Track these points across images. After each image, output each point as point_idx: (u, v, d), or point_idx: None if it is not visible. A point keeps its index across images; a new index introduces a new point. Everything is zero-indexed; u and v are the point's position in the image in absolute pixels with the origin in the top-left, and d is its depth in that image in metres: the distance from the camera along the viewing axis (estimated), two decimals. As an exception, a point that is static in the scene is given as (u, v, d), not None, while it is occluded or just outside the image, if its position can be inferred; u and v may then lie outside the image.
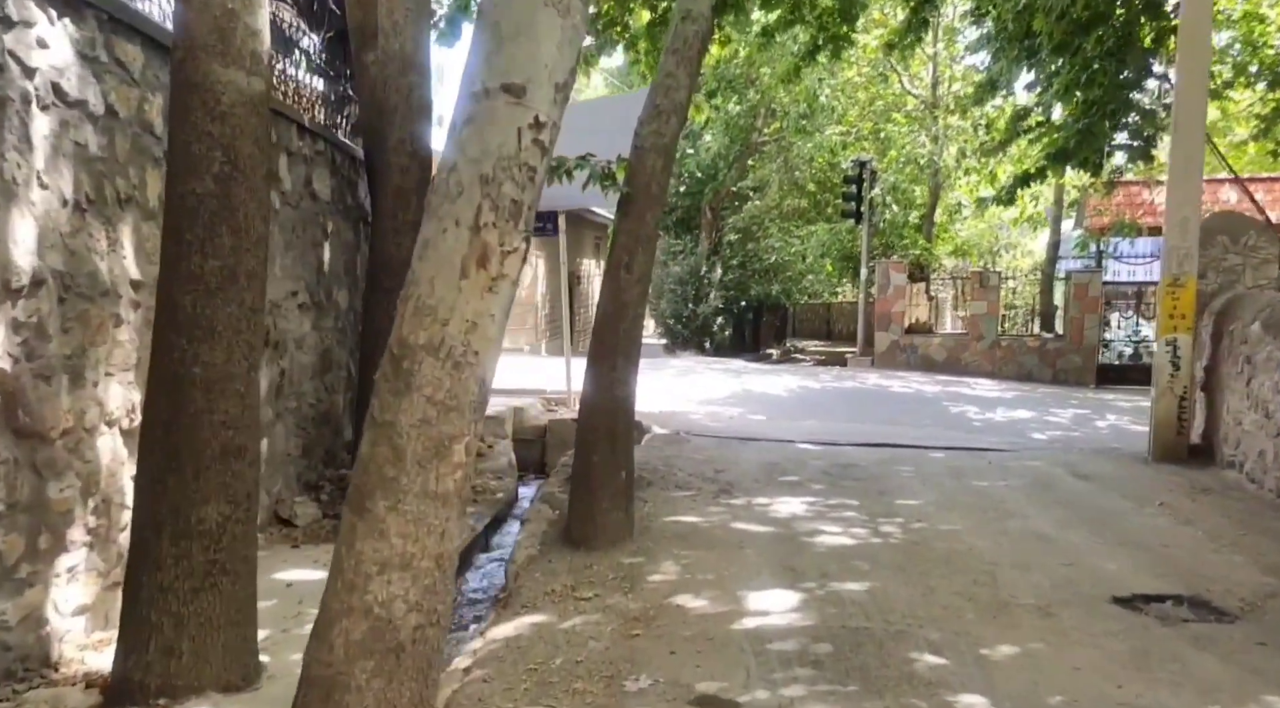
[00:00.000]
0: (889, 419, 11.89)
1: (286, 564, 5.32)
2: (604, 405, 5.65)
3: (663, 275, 23.72)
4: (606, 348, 5.64)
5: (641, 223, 5.59)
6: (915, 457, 8.56)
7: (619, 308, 5.61)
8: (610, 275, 5.67)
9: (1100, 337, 17.70)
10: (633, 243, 5.59)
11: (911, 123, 19.65)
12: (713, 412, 11.99)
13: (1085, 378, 17.56)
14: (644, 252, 5.62)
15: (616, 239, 5.63)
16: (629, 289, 5.59)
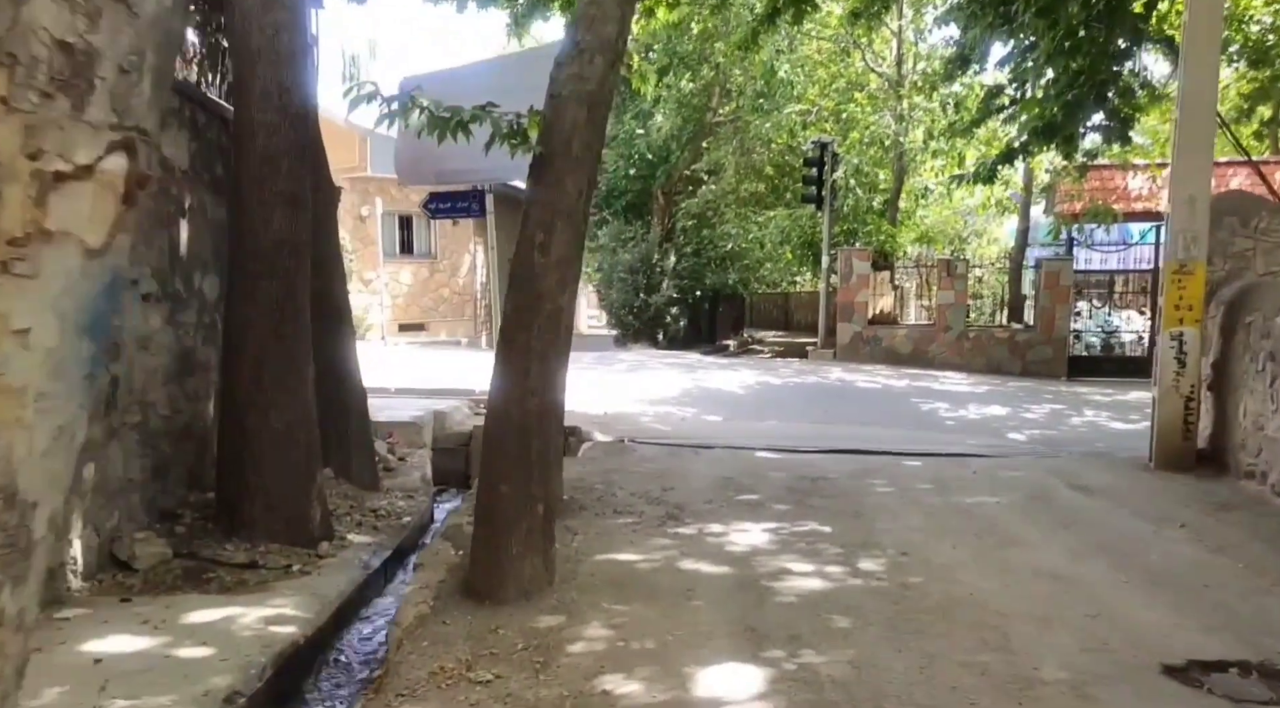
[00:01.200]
0: (856, 419, 10.89)
1: (106, 627, 4.11)
2: (515, 422, 4.50)
3: (612, 264, 22.56)
4: (517, 350, 4.49)
5: (560, 191, 4.43)
6: (890, 466, 7.53)
7: (532, 299, 4.46)
8: (520, 259, 4.51)
9: (1071, 327, 16.90)
10: (548, 217, 4.43)
11: (874, 103, 18.66)
12: (663, 412, 10.89)
13: (1056, 370, 16.78)
14: (565, 228, 4.46)
15: (528, 213, 4.48)
16: (545, 275, 4.44)
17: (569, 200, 4.44)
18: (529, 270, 4.45)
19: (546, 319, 4.46)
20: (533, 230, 4.44)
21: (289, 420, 5.50)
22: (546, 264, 4.43)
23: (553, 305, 4.48)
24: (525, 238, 4.45)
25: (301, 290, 5.62)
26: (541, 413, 4.55)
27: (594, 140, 4.65)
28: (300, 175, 5.59)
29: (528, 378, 4.46)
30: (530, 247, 4.43)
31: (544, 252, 4.42)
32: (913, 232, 20.19)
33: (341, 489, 6.69)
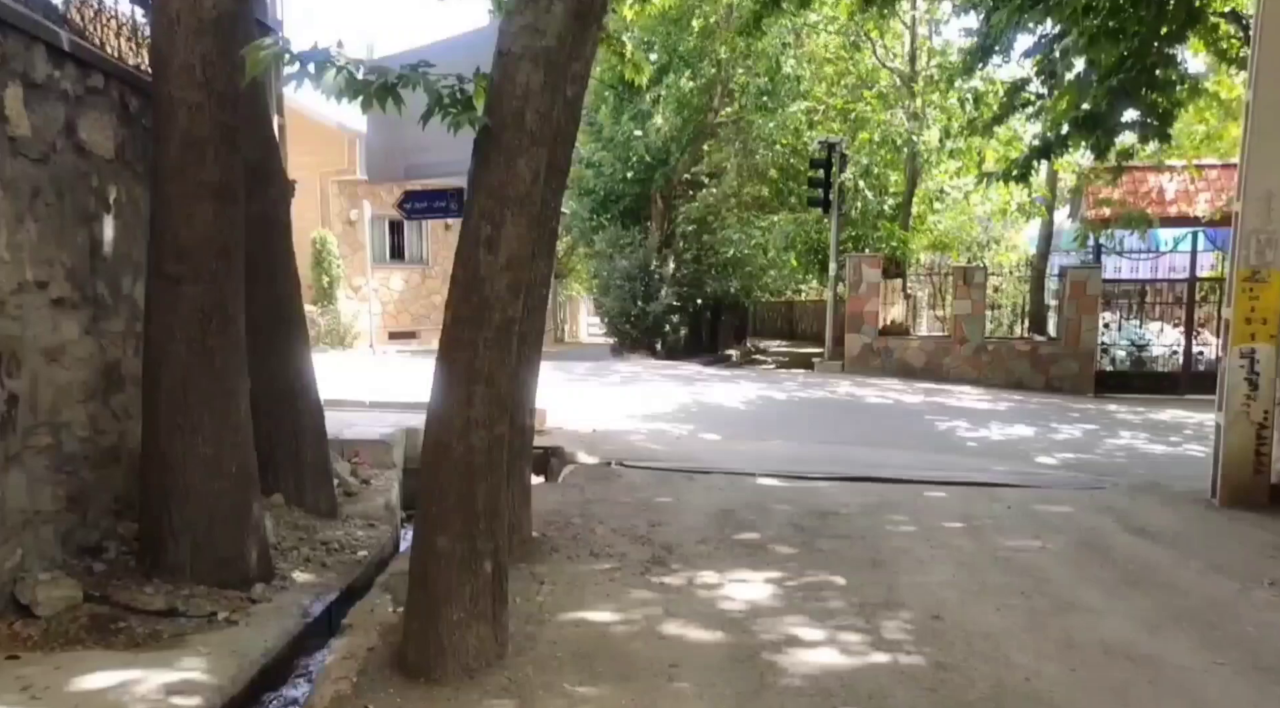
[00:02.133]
0: (867, 439, 9.92)
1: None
2: (456, 461, 3.55)
3: (609, 270, 21.60)
4: (457, 372, 3.54)
5: (510, 173, 3.48)
6: (910, 497, 6.56)
7: (476, 308, 3.50)
8: (462, 259, 3.56)
9: (1098, 340, 15.90)
10: (496, 207, 3.48)
11: (884, 101, 17.72)
12: (657, 430, 9.93)
13: (1082, 386, 15.77)
14: (517, 220, 3.51)
15: (471, 201, 3.53)
16: (493, 279, 3.49)
17: (521, 185, 3.49)
18: (473, 273, 3.50)
19: (495, 333, 3.51)
20: (476, 223, 3.49)
21: (218, 446, 4.63)
22: (494, 265, 3.48)
23: (502, 316, 3.53)
24: (468, 232, 3.51)
25: (233, 296, 4.71)
26: (491, 449, 3.60)
27: (555, 111, 3.71)
28: (231, 164, 4.68)
29: (471, 406, 3.51)
30: (474, 243, 3.48)
31: (490, 249, 3.47)
32: (925, 238, 19.21)
33: (293, 518, 5.79)
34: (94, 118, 4.91)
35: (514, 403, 4.47)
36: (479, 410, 3.51)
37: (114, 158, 5.11)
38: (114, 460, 5.09)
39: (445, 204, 9.05)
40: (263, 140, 5.89)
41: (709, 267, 22.06)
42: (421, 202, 9.11)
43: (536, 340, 4.79)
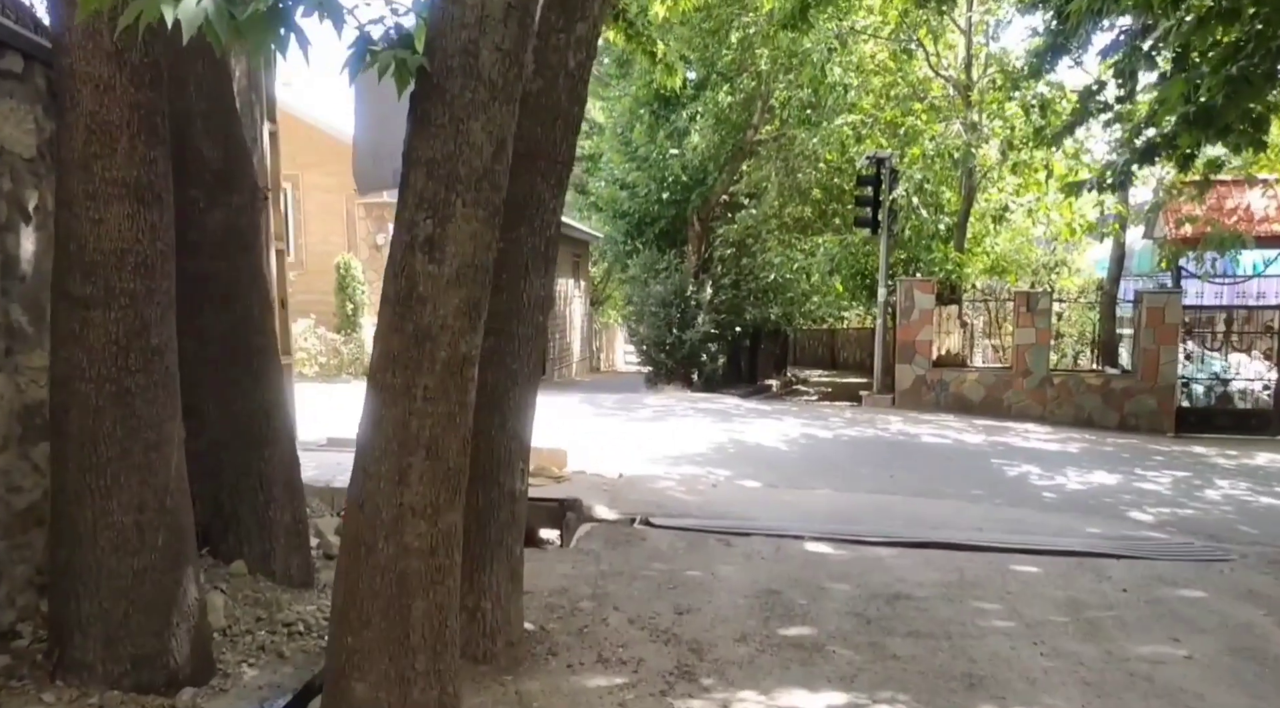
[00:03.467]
0: (928, 488, 8.71)
1: None
2: (385, 565, 2.45)
3: (643, 297, 20.52)
4: (384, 435, 2.46)
5: (461, 142, 2.40)
6: (995, 573, 5.35)
7: (411, 341, 2.42)
8: (393, 269, 2.47)
9: (1178, 373, 14.51)
10: (439, 191, 2.40)
11: (936, 114, 16.50)
12: (690, 475, 8.79)
13: (1161, 424, 14.37)
14: (470, 212, 2.42)
15: (406, 185, 2.44)
16: (436, 298, 2.41)
17: (476, 159, 2.41)
18: (407, 290, 2.41)
19: (441, 378, 2.42)
20: (412, 216, 2.41)
21: (139, 512, 3.59)
22: (436, 278, 2.39)
23: (452, 353, 2.44)
24: (401, 230, 2.43)
25: (158, 322, 3.65)
26: (436, 549, 2.50)
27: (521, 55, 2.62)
28: (153, 158, 3.65)
29: (404, 486, 2.42)
30: (408, 246, 2.40)
31: (432, 254, 2.39)
32: (981, 261, 17.90)
33: (255, 591, 4.73)
34: (9, 108, 3.96)
35: (497, 462, 3.41)
36: (416, 493, 2.42)
37: (35, 157, 4.15)
38: (36, 523, 4.10)
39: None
40: (227, 137, 4.87)
41: (748, 292, 20.91)
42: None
43: (530, 381, 3.70)
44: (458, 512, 2.54)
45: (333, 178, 18.57)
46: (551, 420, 12.43)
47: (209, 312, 4.48)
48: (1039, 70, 11.98)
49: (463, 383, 2.42)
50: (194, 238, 4.41)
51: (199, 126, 4.58)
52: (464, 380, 2.42)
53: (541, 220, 3.62)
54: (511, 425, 3.52)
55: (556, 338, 27.60)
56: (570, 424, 12.13)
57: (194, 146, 4.54)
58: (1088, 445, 12.42)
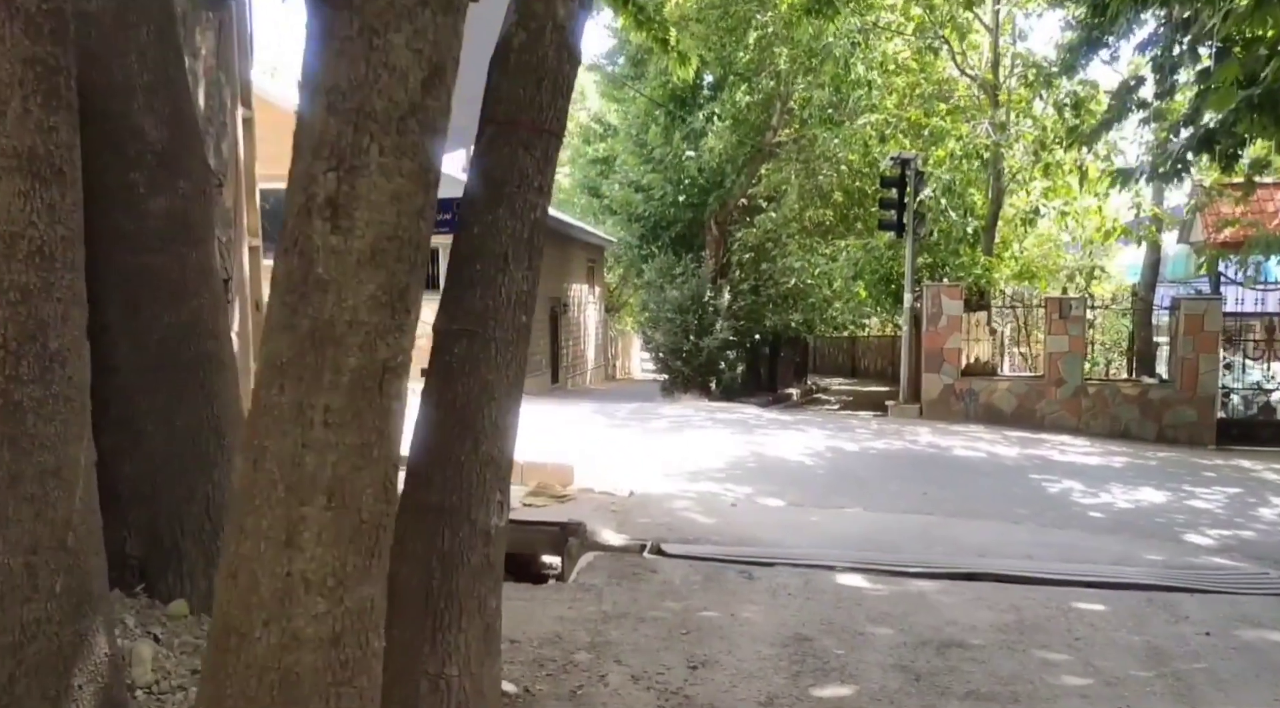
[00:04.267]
0: (966, 506, 8.04)
1: None
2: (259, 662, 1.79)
3: (659, 302, 19.88)
4: (266, 477, 1.79)
5: (377, 63, 1.75)
6: (1057, 612, 4.67)
7: (306, 343, 1.76)
8: (287, 244, 1.81)
9: (1219, 384, 13.76)
10: (347, 134, 1.75)
11: (960, 115, 15.80)
12: (707, 493, 8.14)
13: (1201, 436, 13.65)
14: (391, 168, 1.77)
15: (299, 127, 1.80)
16: (342, 281, 1.76)
17: (398, 89, 1.76)
18: (301, 269, 1.77)
19: (350, 394, 1.77)
20: (308, 168, 1.78)
21: (32, 552, 2.92)
22: (343, 252, 1.75)
23: (365, 360, 1.79)
24: (295, 187, 1.79)
25: (60, 323, 3.00)
26: (342, 639, 1.84)
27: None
28: (53, 125, 3.03)
29: (292, 548, 1.78)
30: (304, 210, 1.77)
31: (336, 220, 1.75)
32: (1009, 265, 17.16)
33: (199, 636, 4.03)
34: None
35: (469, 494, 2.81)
36: (311, 557, 1.77)
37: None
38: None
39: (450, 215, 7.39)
40: (174, 115, 4.25)
41: (768, 298, 20.23)
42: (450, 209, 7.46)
43: (511, 394, 3.06)
44: (376, 583, 1.90)
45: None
46: (560, 432, 11.85)
47: (148, 312, 3.87)
48: (1073, 66, 11.33)
49: (382, 404, 1.78)
50: (130, 227, 3.82)
51: (140, 101, 3.97)
52: (384, 399, 1.79)
53: (524, 201, 3.00)
54: (487, 449, 2.89)
55: (570, 345, 27.01)
56: (580, 435, 11.51)
57: (134, 124, 3.93)
58: (1129, 459, 11.71)
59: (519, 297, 2.98)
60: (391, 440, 1.87)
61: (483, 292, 2.97)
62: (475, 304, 2.96)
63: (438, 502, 2.83)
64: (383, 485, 1.85)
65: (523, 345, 3.04)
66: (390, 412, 1.83)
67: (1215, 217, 14.00)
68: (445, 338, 3.03)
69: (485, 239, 2.99)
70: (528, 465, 8.08)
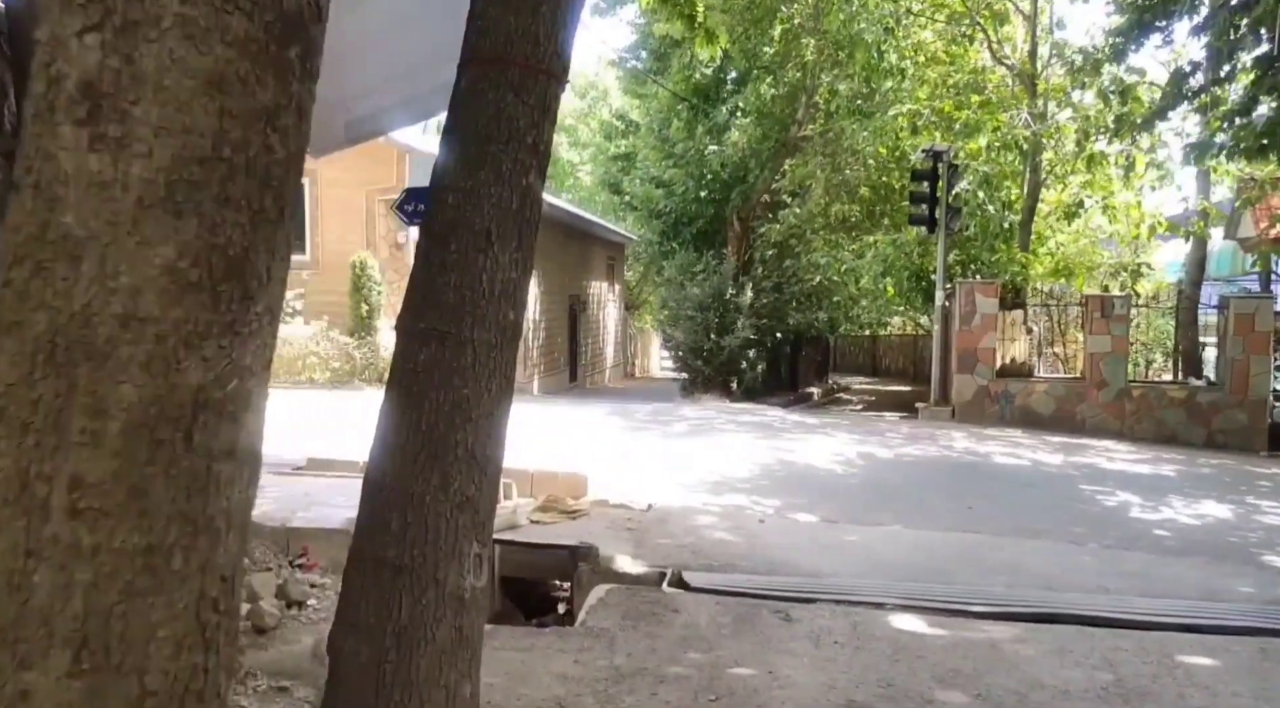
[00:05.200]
0: (1018, 524, 7.30)
1: None
2: None
3: (679, 300, 19.17)
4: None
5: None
6: (1159, 666, 3.94)
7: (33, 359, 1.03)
8: (21, 173, 1.07)
9: (1271, 386, 12.94)
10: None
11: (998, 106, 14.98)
12: (732, 507, 7.44)
13: (1252, 442, 12.87)
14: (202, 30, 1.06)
15: None
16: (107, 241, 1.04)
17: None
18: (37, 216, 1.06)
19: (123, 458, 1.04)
20: (52, 27, 1.05)
21: None
22: (110, 184, 1.04)
23: (157, 389, 1.07)
24: (39, 72, 1.07)
25: None
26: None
27: None
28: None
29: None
30: (46, 107, 1.05)
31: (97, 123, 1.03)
32: (1044, 262, 16.34)
33: None
34: None
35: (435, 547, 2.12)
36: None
37: None
38: None
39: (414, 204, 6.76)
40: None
41: (791, 296, 19.48)
42: (422, 201, 6.80)
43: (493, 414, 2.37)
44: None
45: (352, 172, 17.46)
46: (575, 434, 11.18)
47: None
48: (1123, 51, 10.57)
49: (192, 469, 1.05)
50: None
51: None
52: (196, 461, 1.05)
53: (514, 161, 2.31)
54: (460, 487, 2.20)
55: (589, 343, 26.35)
56: (596, 439, 10.84)
57: None
58: (1180, 467, 10.94)
59: (505, 286, 2.29)
60: (215, 538, 1.10)
61: (459, 280, 2.28)
62: (448, 296, 2.28)
63: (395, 557, 2.15)
64: (195, 625, 1.08)
65: (510, 349, 2.35)
66: (209, 484, 1.09)
67: (1267, 211, 13.16)
68: (410, 340, 2.34)
69: (463, 211, 2.30)
70: (538, 474, 7.42)
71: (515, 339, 2.38)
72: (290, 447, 9.12)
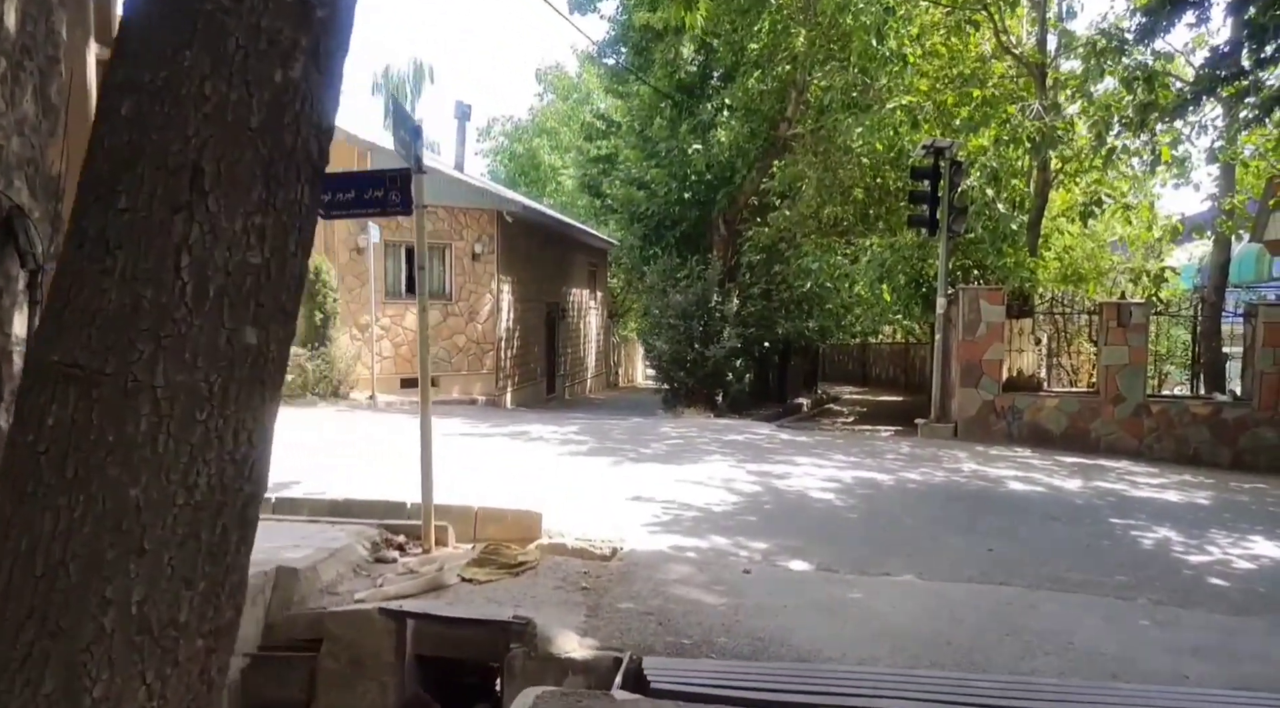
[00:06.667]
0: (1050, 572, 6.21)
1: None
2: None
3: (662, 307, 18.05)
4: None
5: None
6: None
7: None
8: None
9: (1304, 401, 11.91)
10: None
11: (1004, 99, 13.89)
12: (711, 552, 6.31)
13: (1284, 462, 11.80)
14: None
15: None
16: None
17: None
18: None
19: None
20: None
21: None
22: None
23: None
24: None
25: None
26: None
27: None
28: None
29: None
30: None
31: None
32: (1052, 266, 15.26)
33: None
34: None
35: None
36: None
37: None
38: None
39: (379, 192, 5.64)
40: None
41: (780, 303, 18.40)
42: (342, 191, 5.66)
43: (219, 550, 1.20)
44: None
45: (309, 173, 16.29)
46: (539, 458, 9.98)
47: None
48: (1152, 30, 9.51)
49: None
50: None
51: None
52: None
53: (259, 29, 1.11)
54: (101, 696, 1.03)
55: (568, 352, 25.21)
56: (562, 464, 9.69)
57: None
58: (1213, 493, 9.87)
59: (236, 277, 1.12)
60: None
61: (128, 266, 1.09)
62: (105, 303, 1.10)
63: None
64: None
65: (257, 399, 1.19)
66: None
67: (1298, 210, 12.14)
68: (35, 387, 1.16)
69: (145, 129, 1.12)
70: (484, 512, 6.32)
71: (266, 381, 1.24)
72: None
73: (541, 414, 16.72)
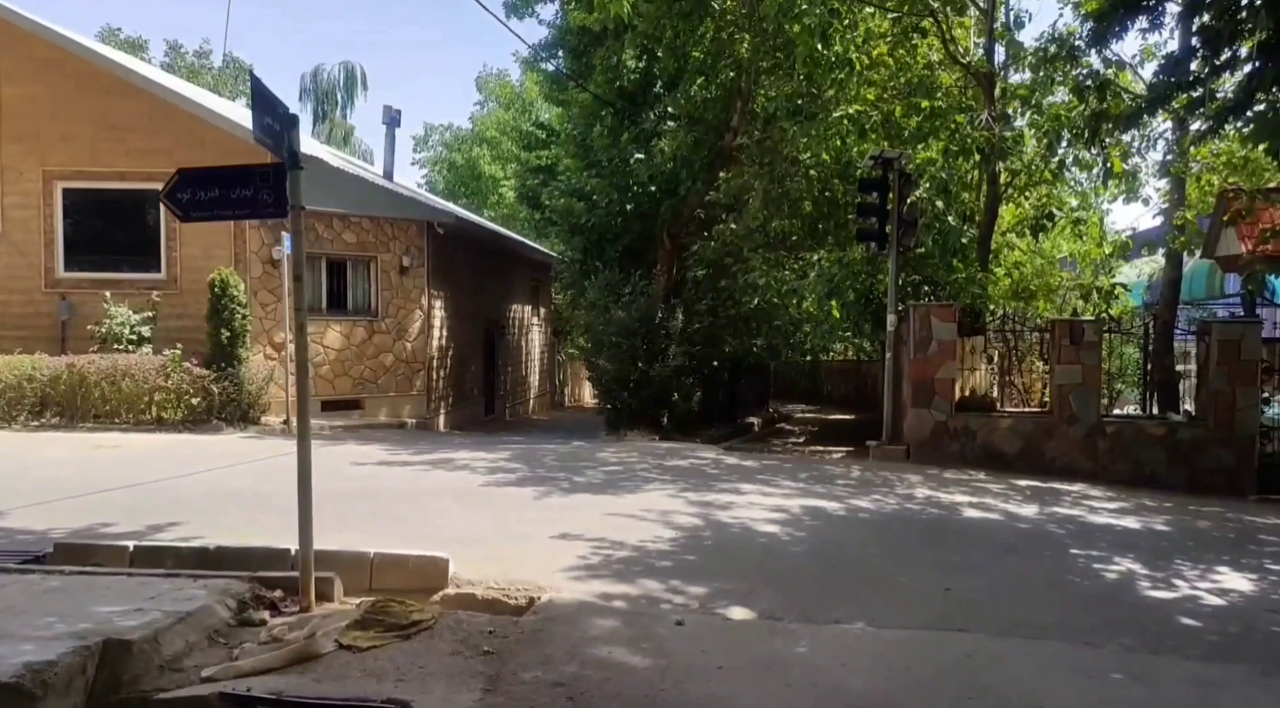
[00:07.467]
0: (1014, 615, 5.64)
1: None
2: None
3: (604, 325, 17.37)
4: None
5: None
6: None
7: None
8: None
9: (1259, 421, 11.59)
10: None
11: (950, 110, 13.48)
12: (642, 599, 5.62)
13: (1240, 484, 11.53)
14: None
15: None
16: None
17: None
18: None
19: None
20: None
21: None
22: None
23: None
24: None
25: None
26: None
27: None
28: None
29: None
30: None
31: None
32: (1004, 283, 14.88)
33: None
34: None
35: None
36: None
37: None
38: None
39: (248, 190, 4.91)
40: None
41: (727, 320, 17.82)
42: (204, 189, 4.94)
43: None
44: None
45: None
46: (460, 489, 9.08)
47: None
48: (1104, 36, 9.13)
49: None
50: None
51: None
52: None
53: None
54: None
55: (509, 371, 24.40)
56: (484, 496, 8.91)
57: None
58: (1172, 518, 9.47)
59: None
60: None
61: None
62: None
63: None
64: None
65: None
66: None
67: (1256, 226, 11.82)
68: None
69: None
70: (381, 559, 5.55)
71: None
72: (69, 517, 7.09)
73: (475, 438, 15.91)
